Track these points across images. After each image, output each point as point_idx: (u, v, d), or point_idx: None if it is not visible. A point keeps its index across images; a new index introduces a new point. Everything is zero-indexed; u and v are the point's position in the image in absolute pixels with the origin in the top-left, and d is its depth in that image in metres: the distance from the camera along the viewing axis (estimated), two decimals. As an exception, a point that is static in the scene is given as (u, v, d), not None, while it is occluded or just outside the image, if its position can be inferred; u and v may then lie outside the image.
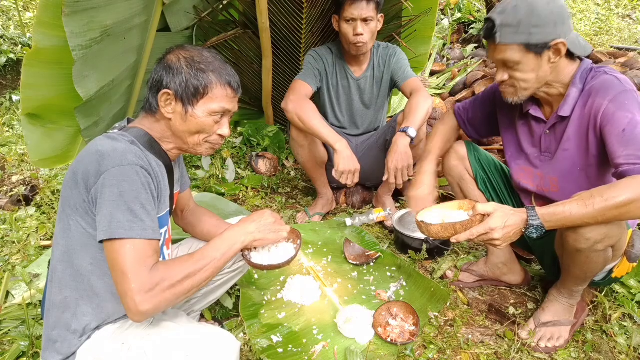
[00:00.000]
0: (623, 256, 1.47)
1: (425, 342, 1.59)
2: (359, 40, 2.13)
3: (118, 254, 0.98)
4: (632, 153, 1.22)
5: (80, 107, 2.02)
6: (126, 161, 1.03)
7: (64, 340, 1.11)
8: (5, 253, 2.16)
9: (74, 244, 1.09)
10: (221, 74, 1.18)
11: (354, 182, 2.02)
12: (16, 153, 3.40)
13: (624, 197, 1.15)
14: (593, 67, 1.41)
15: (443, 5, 6.17)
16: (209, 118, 1.19)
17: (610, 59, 3.27)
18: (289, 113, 2.12)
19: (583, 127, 1.39)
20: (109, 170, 1.01)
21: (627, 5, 7.38)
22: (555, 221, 1.24)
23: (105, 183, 1.01)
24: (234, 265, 1.54)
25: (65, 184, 1.10)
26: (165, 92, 1.15)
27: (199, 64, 1.16)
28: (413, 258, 2.04)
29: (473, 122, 1.77)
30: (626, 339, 1.58)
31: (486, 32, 1.37)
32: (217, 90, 1.18)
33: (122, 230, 0.99)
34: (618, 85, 1.31)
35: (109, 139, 1.09)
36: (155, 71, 1.18)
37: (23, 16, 5.87)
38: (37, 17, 1.76)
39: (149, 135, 1.19)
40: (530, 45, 1.30)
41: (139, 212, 1.02)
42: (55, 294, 1.12)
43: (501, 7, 1.34)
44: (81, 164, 1.06)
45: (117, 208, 0.99)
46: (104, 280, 1.11)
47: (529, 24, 1.29)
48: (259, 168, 3.02)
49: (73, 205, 1.07)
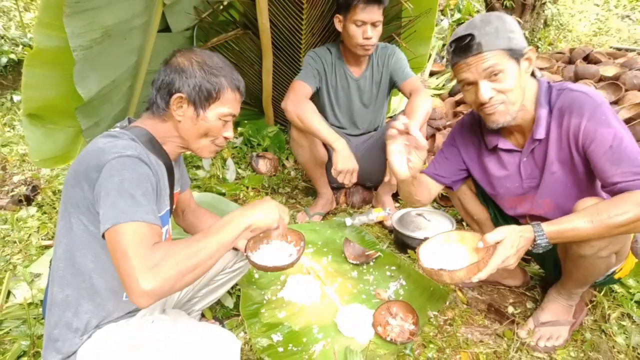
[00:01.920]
0: (626, 259, 1.47)
1: (425, 341, 1.60)
2: (368, 44, 2.14)
3: (120, 238, 0.95)
4: (627, 170, 1.21)
5: (81, 108, 2.03)
6: (125, 152, 1.04)
7: (64, 339, 1.11)
8: (7, 253, 2.17)
9: (76, 242, 1.09)
10: (232, 78, 1.21)
11: (352, 181, 2.02)
12: (17, 153, 3.41)
13: (631, 215, 1.15)
14: (552, 85, 1.39)
15: (442, 6, 6.17)
16: (219, 121, 1.22)
17: (610, 59, 3.27)
18: (289, 113, 2.12)
19: (564, 148, 1.36)
20: (109, 162, 1.01)
21: (627, 5, 7.38)
22: (562, 238, 1.25)
23: (106, 174, 1.01)
24: (235, 265, 1.55)
25: (66, 183, 1.11)
26: (178, 96, 1.16)
27: (212, 68, 1.18)
28: (413, 257, 2.04)
29: (446, 171, 1.66)
30: (625, 339, 1.58)
31: (464, 48, 1.29)
32: (228, 94, 1.21)
33: (124, 215, 0.96)
34: (590, 101, 1.29)
35: (109, 136, 1.10)
36: (165, 73, 1.19)
37: (24, 17, 5.88)
38: (38, 18, 1.77)
39: (150, 135, 1.20)
40: (511, 50, 1.28)
41: (140, 198, 1.00)
42: (56, 292, 1.13)
43: (465, 26, 1.31)
44: (82, 161, 1.06)
45: (119, 196, 0.98)
46: (105, 278, 1.12)
47: (505, 30, 1.28)
48: (259, 168, 3.02)
49: (74, 203, 1.07)
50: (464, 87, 1.38)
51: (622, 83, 2.78)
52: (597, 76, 2.90)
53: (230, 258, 1.52)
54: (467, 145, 1.61)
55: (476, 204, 1.74)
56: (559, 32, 6.21)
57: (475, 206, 1.74)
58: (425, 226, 2.17)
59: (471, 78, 1.32)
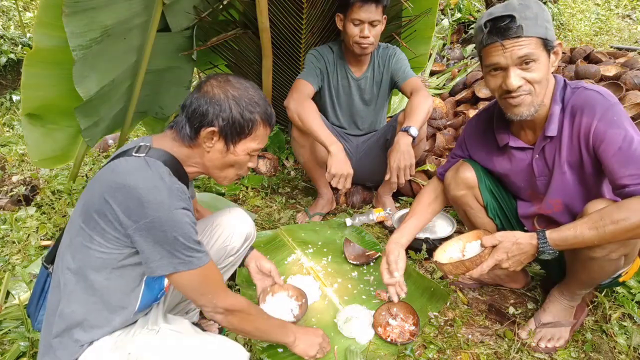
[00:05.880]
0: (633, 262, 1.46)
1: (425, 342, 1.59)
2: (364, 42, 2.14)
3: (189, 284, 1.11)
4: (635, 172, 1.19)
5: (80, 107, 2.03)
6: (173, 206, 1.04)
7: (65, 349, 1.11)
8: (6, 253, 2.16)
9: (92, 261, 1.09)
10: (265, 114, 1.21)
11: (346, 186, 2.01)
12: (16, 153, 3.40)
13: (635, 220, 1.14)
14: (567, 83, 1.37)
15: (443, 6, 6.17)
16: (247, 156, 1.22)
17: (610, 59, 3.26)
18: (290, 111, 2.12)
19: (575, 147, 1.34)
20: (158, 216, 1.02)
21: (627, 5, 7.38)
22: (567, 245, 1.25)
23: (156, 227, 1.02)
24: (225, 260, 1.54)
25: (90, 205, 1.08)
26: (211, 131, 1.14)
27: (248, 104, 1.17)
28: (413, 258, 2.04)
29: None
30: (626, 339, 1.57)
31: (502, 30, 1.22)
32: (260, 130, 1.21)
33: (183, 264, 1.07)
34: (602, 101, 1.27)
35: (146, 172, 1.06)
36: (198, 102, 1.15)
37: (23, 16, 5.87)
38: (38, 17, 1.77)
39: (175, 159, 1.18)
40: (546, 41, 1.24)
41: (195, 247, 1.08)
42: (65, 304, 1.12)
43: (502, 7, 1.25)
44: (117, 197, 1.03)
45: (175, 249, 1.05)
46: (117, 295, 1.12)
47: (543, 19, 1.24)
48: (259, 168, 3.02)
49: (100, 230, 1.06)
50: (490, 72, 1.32)
51: (623, 83, 2.77)
52: (597, 76, 2.89)
53: (220, 255, 1.51)
54: (478, 146, 1.59)
55: (484, 217, 1.67)
56: (559, 31, 6.20)
57: (482, 219, 1.68)
58: (425, 226, 2.16)
59: (503, 62, 1.26)
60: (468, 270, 1.33)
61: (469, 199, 1.64)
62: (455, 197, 1.65)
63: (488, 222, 1.67)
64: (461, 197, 1.64)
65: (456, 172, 1.63)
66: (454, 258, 1.46)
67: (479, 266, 1.31)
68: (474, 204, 1.65)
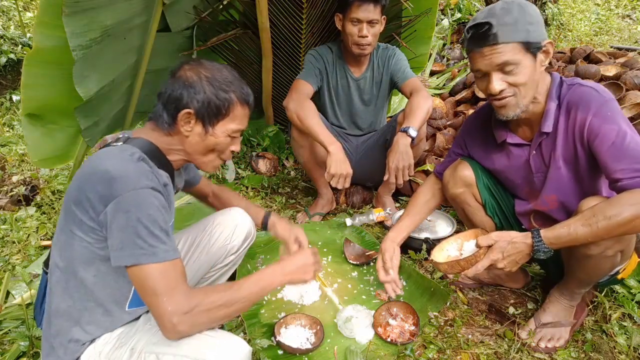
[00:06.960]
0: (630, 258, 1.46)
1: (425, 342, 1.59)
2: (363, 42, 2.15)
3: (147, 279, 1.00)
4: (627, 167, 1.20)
5: (80, 107, 2.03)
6: (140, 184, 1.01)
7: (66, 348, 1.11)
8: (6, 253, 2.16)
9: (78, 257, 1.08)
10: (241, 93, 1.19)
11: (345, 186, 2.01)
12: (16, 153, 3.40)
13: (628, 214, 1.15)
14: (564, 80, 1.39)
15: (443, 6, 6.17)
16: (227, 137, 1.20)
17: (610, 59, 3.26)
18: (289, 111, 2.12)
19: (570, 143, 1.36)
20: (123, 195, 0.99)
21: (627, 5, 7.38)
22: (561, 243, 1.25)
23: (120, 207, 0.99)
24: (226, 259, 1.54)
25: (69, 197, 1.08)
26: (186, 112, 1.14)
27: (221, 84, 1.16)
28: (413, 258, 2.04)
29: None
30: (626, 339, 1.57)
31: (480, 37, 1.27)
32: (238, 110, 1.19)
33: (145, 256, 0.99)
34: (597, 97, 1.29)
35: (117, 156, 1.06)
36: (172, 87, 1.15)
37: (23, 16, 5.87)
38: (38, 17, 1.77)
39: (154, 146, 1.18)
40: (528, 44, 1.26)
41: (160, 235, 1.02)
42: (57, 303, 1.12)
43: (485, 12, 1.28)
44: (89, 183, 1.03)
45: (137, 234, 0.99)
46: (107, 291, 1.12)
47: (524, 22, 1.25)
48: (259, 168, 3.02)
49: (78, 222, 1.05)
50: (477, 75, 1.37)
51: (623, 83, 2.77)
52: (597, 76, 2.89)
53: (221, 254, 1.51)
54: (476, 143, 1.59)
55: (482, 216, 1.68)
56: (559, 31, 6.20)
57: (481, 218, 1.68)
58: (425, 226, 2.16)
59: (483, 69, 1.31)
60: (463, 269, 1.34)
61: (467, 197, 1.65)
62: (453, 195, 1.66)
63: (486, 220, 1.68)
64: (459, 195, 1.65)
65: (454, 170, 1.64)
66: (451, 256, 1.46)
67: (474, 266, 1.32)
68: (472, 202, 1.66)
